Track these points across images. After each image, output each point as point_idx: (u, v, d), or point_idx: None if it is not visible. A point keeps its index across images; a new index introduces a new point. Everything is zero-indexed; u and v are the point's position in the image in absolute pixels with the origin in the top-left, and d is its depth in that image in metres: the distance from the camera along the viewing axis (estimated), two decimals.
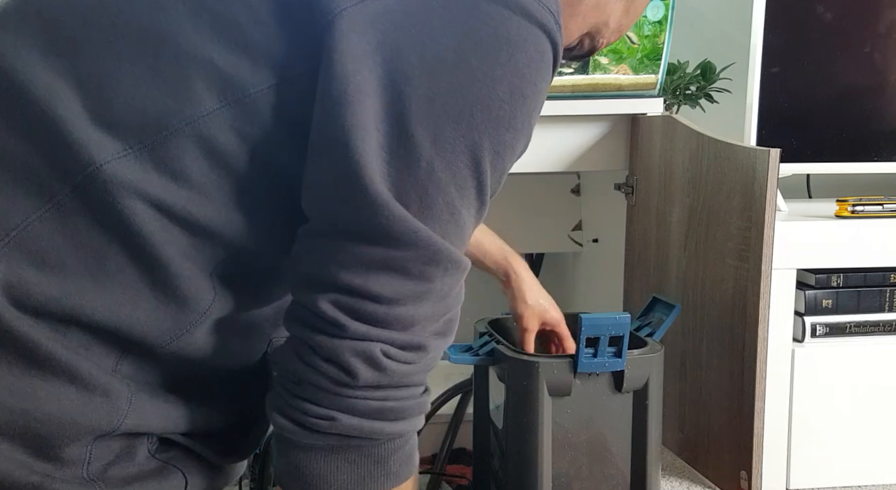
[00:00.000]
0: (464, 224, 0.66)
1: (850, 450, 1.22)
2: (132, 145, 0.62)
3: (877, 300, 1.22)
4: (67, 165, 0.62)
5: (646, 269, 1.37)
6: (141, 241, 0.63)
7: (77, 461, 0.65)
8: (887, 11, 1.42)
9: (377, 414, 0.66)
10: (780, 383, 1.19)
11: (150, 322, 0.65)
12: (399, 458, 0.69)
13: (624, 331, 0.99)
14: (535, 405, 0.99)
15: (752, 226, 1.11)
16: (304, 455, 0.67)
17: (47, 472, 0.63)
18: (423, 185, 0.62)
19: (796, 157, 1.37)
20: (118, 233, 0.63)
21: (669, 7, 1.32)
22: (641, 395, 1.03)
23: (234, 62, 0.62)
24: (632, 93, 1.34)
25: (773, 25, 1.35)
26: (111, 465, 0.66)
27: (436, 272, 0.64)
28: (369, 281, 0.63)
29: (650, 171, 1.35)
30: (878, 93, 1.44)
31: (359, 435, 0.66)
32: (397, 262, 0.63)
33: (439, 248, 0.64)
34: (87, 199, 0.62)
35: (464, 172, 0.63)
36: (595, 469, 1.04)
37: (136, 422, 0.67)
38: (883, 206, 1.21)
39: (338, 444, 0.66)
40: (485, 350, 1.06)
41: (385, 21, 0.61)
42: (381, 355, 0.64)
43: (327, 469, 0.67)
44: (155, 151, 0.62)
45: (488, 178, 0.65)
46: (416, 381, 0.68)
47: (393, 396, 0.66)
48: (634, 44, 1.33)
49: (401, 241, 0.62)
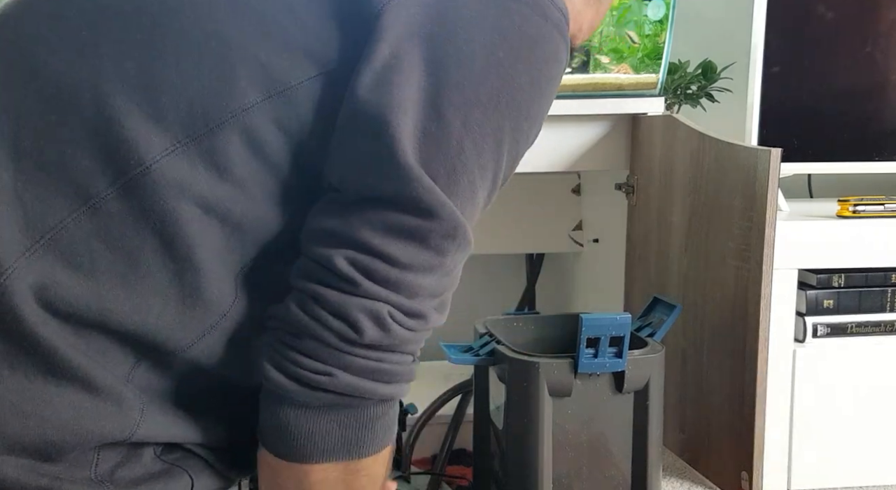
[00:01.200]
0: (478, 205, 0.71)
1: (852, 450, 1.22)
2: (180, 139, 0.65)
3: (878, 300, 1.22)
4: (117, 164, 0.64)
5: (646, 269, 1.37)
6: (179, 242, 0.65)
7: (85, 463, 0.65)
8: (888, 11, 1.42)
9: (373, 374, 0.67)
10: (782, 384, 1.19)
11: (173, 326, 0.66)
12: (384, 423, 0.70)
13: (625, 331, 0.99)
14: (535, 406, 0.99)
15: (753, 226, 1.11)
16: (293, 413, 0.67)
17: (56, 475, 0.64)
18: (452, 163, 0.67)
19: (797, 157, 1.37)
20: (157, 233, 0.64)
21: (670, 6, 1.32)
22: (642, 396, 1.03)
23: (277, 57, 0.66)
24: (633, 92, 1.34)
25: (774, 25, 1.35)
26: (118, 467, 0.67)
27: (451, 247, 0.67)
28: (388, 244, 0.65)
29: (651, 171, 1.34)
30: (880, 92, 1.44)
31: (352, 394, 0.66)
32: (420, 231, 0.66)
33: (459, 224, 0.67)
34: (130, 199, 0.64)
35: (487, 154, 0.68)
36: (595, 470, 1.04)
37: (147, 433, 0.67)
38: (884, 206, 1.21)
39: (331, 403, 0.66)
40: (485, 350, 1.06)
41: (423, 14, 0.67)
42: (388, 317, 0.66)
43: (317, 429, 0.67)
44: (201, 144, 0.65)
45: (504, 162, 0.70)
46: (411, 349, 0.70)
47: (389, 359, 0.68)
48: (635, 43, 1.33)
49: (427, 212, 0.65)
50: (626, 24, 1.32)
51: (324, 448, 0.67)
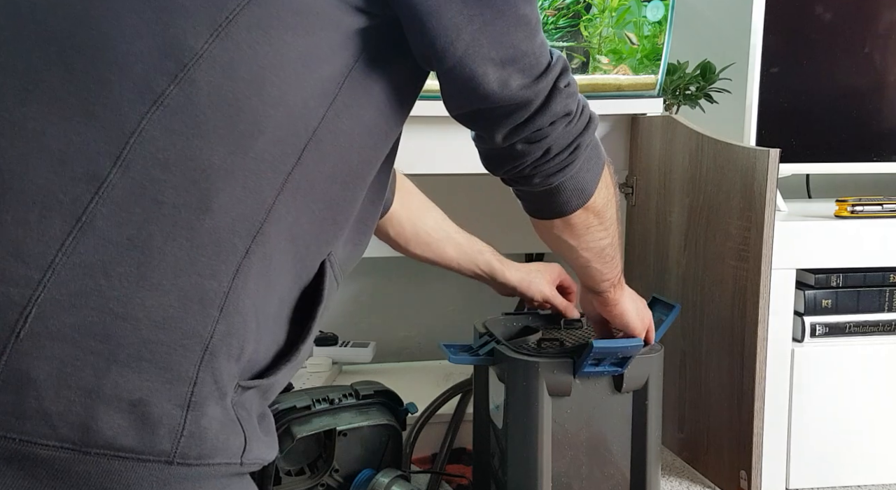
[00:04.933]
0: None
1: (850, 449, 1.22)
2: (219, 22, 0.66)
3: (876, 300, 1.23)
4: (171, 61, 0.64)
5: (646, 269, 1.38)
6: (245, 116, 0.66)
7: (183, 380, 0.64)
8: (887, 12, 1.43)
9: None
10: (780, 383, 1.19)
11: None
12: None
13: (634, 353, 0.99)
14: (534, 405, 0.99)
15: (751, 226, 1.11)
16: (572, 159, 0.82)
17: (154, 389, 0.62)
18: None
19: (796, 158, 1.37)
20: (224, 114, 0.65)
21: (669, 7, 1.32)
22: (641, 395, 1.03)
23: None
24: (631, 93, 1.35)
25: (772, 26, 1.35)
26: (207, 399, 0.65)
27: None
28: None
29: (650, 172, 1.35)
30: (878, 93, 1.44)
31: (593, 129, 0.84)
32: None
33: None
34: (194, 87, 0.64)
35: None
36: (595, 469, 1.04)
37: (221, 338, 0.66)
38: (882, 206, 1.21)
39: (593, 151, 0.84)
40: (484, 350, 1.06)
41: None
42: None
43: (585, 168, 0.84)
44: (237, 23, 0.66)
45: None
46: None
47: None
48: (634, 44, 1.33)
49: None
50: (625, 25, 1.33)
51: (594, 175, 0.86)
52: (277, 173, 0.68)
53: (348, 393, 1.10)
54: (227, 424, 0.67)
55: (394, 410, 1.12)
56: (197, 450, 0.64)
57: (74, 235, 0.61)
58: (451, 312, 1.61)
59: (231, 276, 0.66)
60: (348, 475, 1.09)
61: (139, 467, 0.62)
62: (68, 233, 0.61)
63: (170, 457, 0.63)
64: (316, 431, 1.05)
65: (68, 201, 0.61)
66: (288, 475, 1.06)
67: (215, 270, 0.65)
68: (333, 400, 1.08)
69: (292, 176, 0.69)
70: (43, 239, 0.60)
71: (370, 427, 1.09)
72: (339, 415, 1.07)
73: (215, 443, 0.66)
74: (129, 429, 0.62)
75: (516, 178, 0.83)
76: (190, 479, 0.65)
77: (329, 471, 1.07)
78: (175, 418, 0.63)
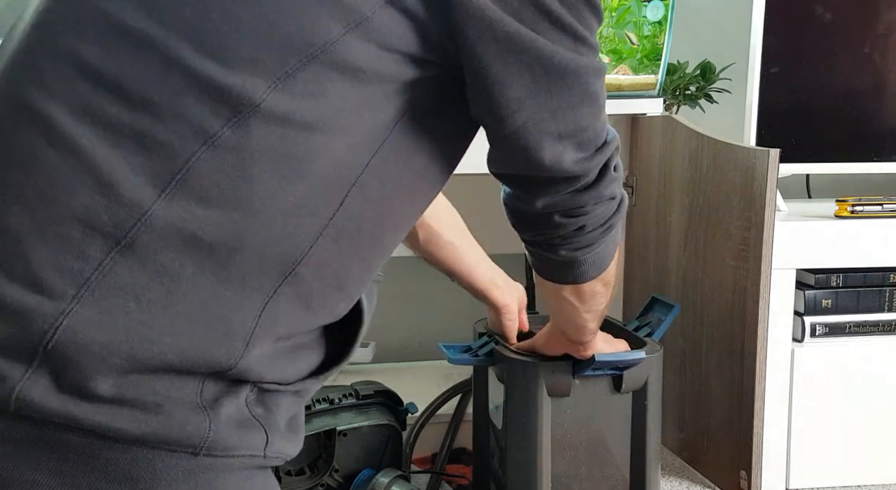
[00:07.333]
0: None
1: (850, 449, 1.22)
2: (278, 75, 0.65)
3: (876, 300, 1.23)
4: (227, 107, 0.64)
5: (646, 269, 1.38)
6: (291, 162, 0.66)
7: (193, 387, 0.66)
8: (886, 12, 1.43)
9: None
10: (780, 383, 1.19)
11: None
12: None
13: (635, 364, 0.99)
14: (534, 406, 1.00)
15: (751, 226, 1.11)
16: (602, 238, 0.83)
17: (167, 394, 0.65)
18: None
19: (796, 158, 1.37)
20: (272, 159, 0.66)
21: (669, 7, 1.32)
22: (641, 396, 1.03)
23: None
24: (631, 93, 1.35)
25: (772, 26, 1.35)
26: (218, 399, 0.68)
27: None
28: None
29: (650, 172, 1.35)
30: (878, 93, 1.44)
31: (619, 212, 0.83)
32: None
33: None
34: (246, 133, 0.65)
35: None
36: (594, 469, 1.04)
37: (246, 367, 0.68)
38: (882, 206, 1.21)
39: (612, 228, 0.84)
40: (484, 351, 1.06)
41: None
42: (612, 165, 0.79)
43: (608, 244, 0.85)
44: (297, 77, 0.66)
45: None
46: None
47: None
48: (634, 44, 1.33)
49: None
50: (625, 25, 1.33)
51: (609, 253, 0.86)
52: (318, 218, 0.69)
53: (348, 393, 1.10)
54: (244, 422, 0.69)
55: (394, 410, 1.12)
56: (223, 442, 0.67)
57: (112, 257, 0.63)
58: (451, 312, 1.61)
59: (257, 312, 0.67)
60: (348, 475, 1.09)
61: (166, 457, 0.65)
62: (107, 253, 0.63)
63: (196, 449, 0.66)
64: (316, 431, 1.05)
65: (111, 224, 0.63)
66: (288, 475, 1.07)
67: (240, 306, 0.66)
68: (333, 400, 1.08)
69: (334, 221, 0.69)
70: (83, 256, 0.63)
71: (370, 427, 1.09)
72: (339, 415, 1.08)
73: (238, 438, 0.68)
74: (158, 425, 0.64)
75: (542, 244, 0.83)
76: (214, 469, 0.67)
77: (329, 471, 1.07)
78: (199, 416, 0.66)
